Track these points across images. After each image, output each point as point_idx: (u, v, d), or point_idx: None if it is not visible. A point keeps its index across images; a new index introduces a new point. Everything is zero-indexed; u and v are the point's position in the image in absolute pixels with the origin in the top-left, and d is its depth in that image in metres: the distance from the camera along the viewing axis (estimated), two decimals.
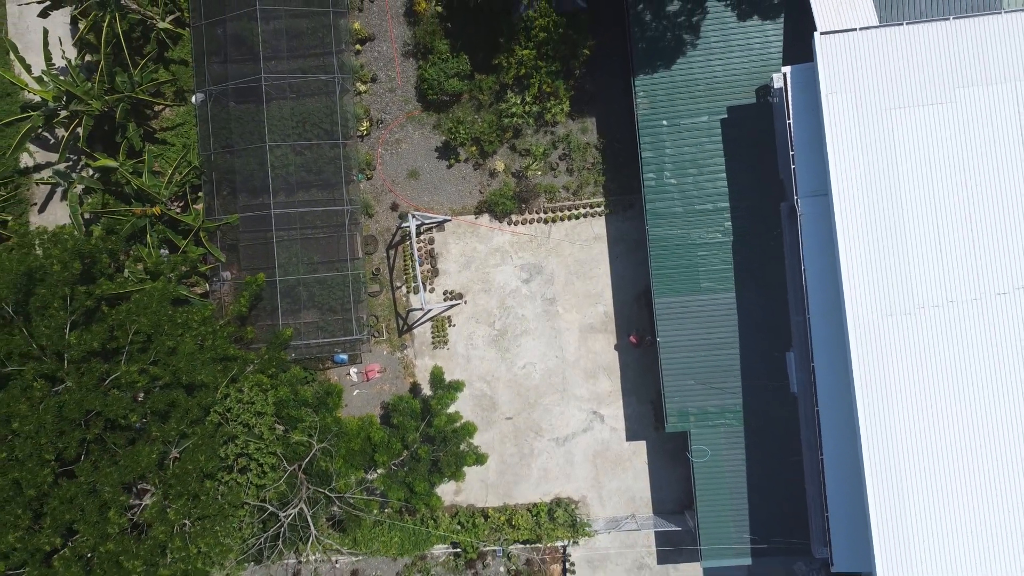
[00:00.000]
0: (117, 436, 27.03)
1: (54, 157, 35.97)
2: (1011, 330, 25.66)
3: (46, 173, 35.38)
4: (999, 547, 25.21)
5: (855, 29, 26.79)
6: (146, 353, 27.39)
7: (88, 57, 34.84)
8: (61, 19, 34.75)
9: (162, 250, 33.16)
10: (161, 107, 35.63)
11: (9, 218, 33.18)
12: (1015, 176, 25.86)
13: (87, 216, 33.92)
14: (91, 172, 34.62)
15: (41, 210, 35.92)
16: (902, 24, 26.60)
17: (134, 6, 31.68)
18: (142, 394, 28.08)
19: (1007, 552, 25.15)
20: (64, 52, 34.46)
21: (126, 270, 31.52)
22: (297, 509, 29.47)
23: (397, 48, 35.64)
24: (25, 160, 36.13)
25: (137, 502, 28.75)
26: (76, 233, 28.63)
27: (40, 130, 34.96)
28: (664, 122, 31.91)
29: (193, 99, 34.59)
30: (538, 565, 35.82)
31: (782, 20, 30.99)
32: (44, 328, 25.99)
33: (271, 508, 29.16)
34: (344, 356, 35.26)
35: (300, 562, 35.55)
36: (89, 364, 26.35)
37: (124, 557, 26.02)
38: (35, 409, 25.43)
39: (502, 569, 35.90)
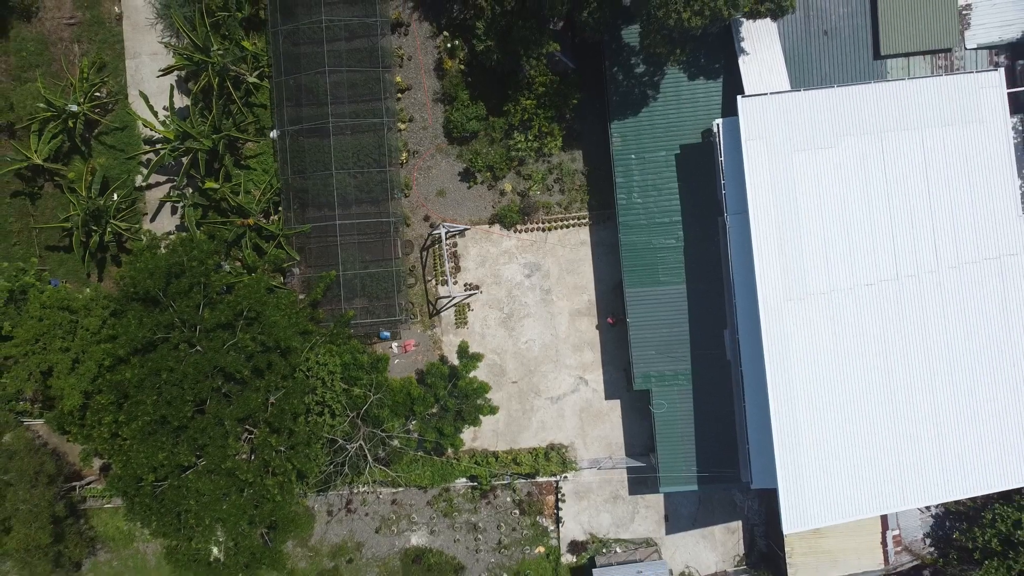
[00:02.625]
0: (231, 386, 36.72)
1: (159, 178, 45.56)
2: (875, 310, 35.16)
3: (160, 192, 44.89)
4: (861, 465, 34.85)
5: (767, 94, 35.94)
6: (253, 326, 36.92)
7: (178, 103, 43.91)
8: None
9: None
10: (244, 141, 45.14)
11: (138, 225, 42.87)
12: (878, 200, 35.25)
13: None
14: (191, 191, 44.19)
15: (152, 219, 45.54)
16: (800, 90, 35.89)
17: (233, 68, 41.38)
18: (245, 356, 37.50)
19: (866, 468, 34.87)
20: (174, 100, 43.93)
21: (227, 266, 41.18)
22: (358, 444, 39.26)
23: (429, 96, 43.81)
24: (137, 180, 45.66)
25: (245, 439, 38.37)
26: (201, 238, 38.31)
27: (146, 157, 44.68)
28: (633, 155, 40.07)
29: (271, 134, 43.89)
30: (536, 496, 45.14)
31: (721, 80, 39.46)
32: (186, 307, 35.64)
33: (340, 441, 38.94)
34: (387, 333, 44.31)
35: (352, 492, 45.23)
36: (215, 333, 36.01)
37: (239, 472, 35.72)
38: (180, 364, 35.08)
39: (508, 499, 45.32)
